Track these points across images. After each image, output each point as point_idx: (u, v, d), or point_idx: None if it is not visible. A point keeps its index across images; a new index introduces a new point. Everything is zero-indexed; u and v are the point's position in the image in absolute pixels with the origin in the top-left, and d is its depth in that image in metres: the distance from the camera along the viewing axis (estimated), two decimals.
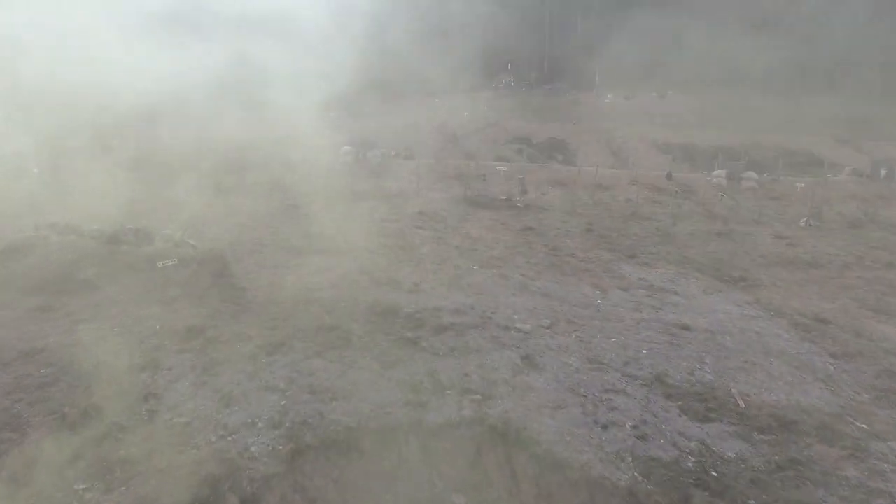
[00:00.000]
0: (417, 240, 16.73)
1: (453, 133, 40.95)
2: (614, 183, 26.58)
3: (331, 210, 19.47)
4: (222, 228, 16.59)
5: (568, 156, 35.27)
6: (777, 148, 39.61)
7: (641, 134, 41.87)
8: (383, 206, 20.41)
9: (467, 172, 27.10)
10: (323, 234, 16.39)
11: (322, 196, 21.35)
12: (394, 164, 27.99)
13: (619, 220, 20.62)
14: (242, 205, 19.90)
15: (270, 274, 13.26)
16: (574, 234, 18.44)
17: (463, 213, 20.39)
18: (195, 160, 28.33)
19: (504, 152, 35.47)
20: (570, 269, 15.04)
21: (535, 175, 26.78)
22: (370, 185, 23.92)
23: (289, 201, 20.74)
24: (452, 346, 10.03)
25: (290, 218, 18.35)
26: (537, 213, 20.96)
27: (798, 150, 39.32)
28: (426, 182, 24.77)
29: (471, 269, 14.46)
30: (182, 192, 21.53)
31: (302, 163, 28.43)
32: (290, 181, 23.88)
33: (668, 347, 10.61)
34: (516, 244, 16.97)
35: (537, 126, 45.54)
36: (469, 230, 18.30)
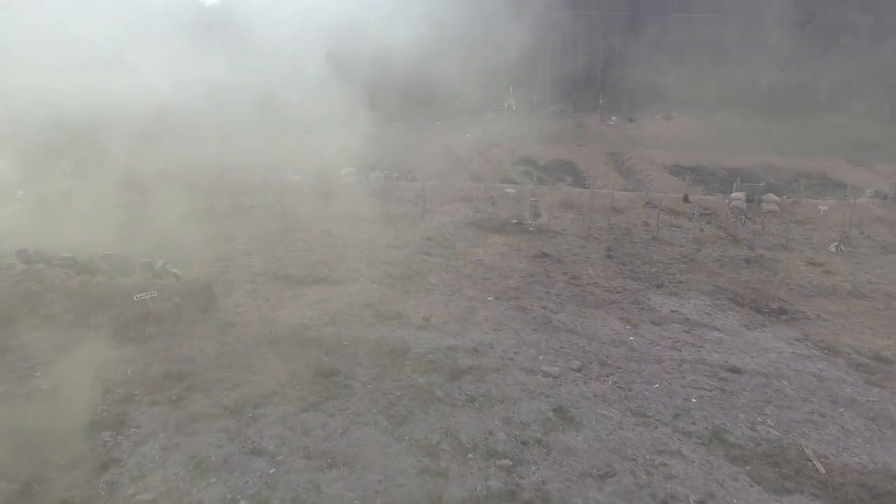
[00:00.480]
0: (425, 267, 15.36)
1: (456, 155, 39.90)
2: (629, 206, 25.36)
3: (331, 235, 18.20)
4: (213, 255, 15.23)
5: (577, 178, 34.11)
6: (789, 170, 38.52)
7: (650, 156, 40.84)
8: (387, 231, 19.10)
9: (474, 195, 25.86)
10: (322, 261, 15.05)
11: (322, 220, 20.12)
12: (397, 186, 26.79)
13: (640, 245, 19.29)
14: (236, 229, 18.58)
15: (263, 307, 11.86)
16: (594, 261, 17.09)
17: (472, 237, 19.07)
18: (188, 182, 27.14)
19: (510, 174, 34.34)
20: (595, 301, 13.65)
21: (545, 197, 25.56)
22: (373, 209, 22.62)
23: (286, 226, 19.46)
24: (472, 395, 8.60)
25: (288, 244, 17.02)
26: (551, 238, 19.64)
27: (811, 172, 38.20)
28: (432, 205, 23.51)
29: (485, 301, 13.07)
30: (172, 216, 20.26)
31: (300, 185, 27.23)
32: (287, 204, 22.67)
33: (720, 395, 9.18)
34: (533, 272, 15.60)
35: (542, 148, 44.53)
36: (481, 256, 16.95)
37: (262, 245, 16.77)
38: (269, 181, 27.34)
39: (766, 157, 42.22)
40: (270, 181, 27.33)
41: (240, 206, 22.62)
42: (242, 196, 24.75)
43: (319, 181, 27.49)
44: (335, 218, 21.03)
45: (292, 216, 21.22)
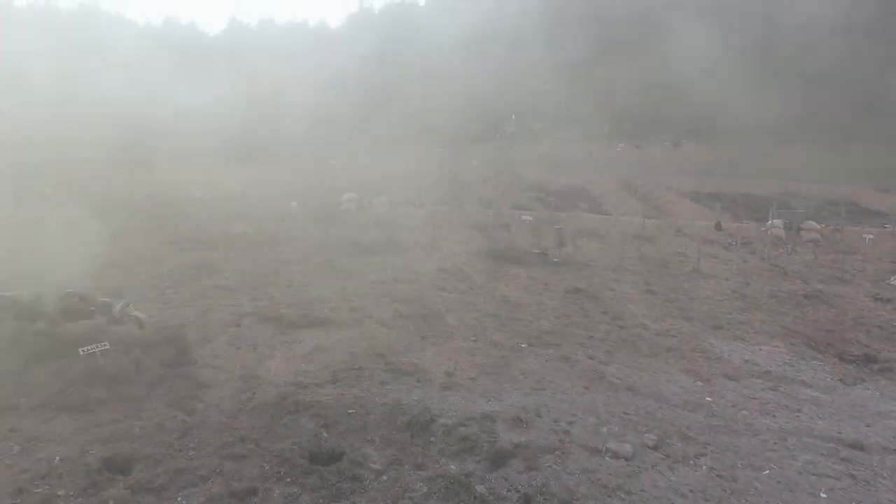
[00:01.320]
0: (442, 305, 13.09)
1: (463, 181, 37.93)
2: (657, 234, 23.25)
3: (331, 267, 15.97)
4: (193, 291, 12.99)
5: (592, 204, 32.11)
6: (814, 197, 36.56)
7: (665, 182, 38.93)
8: (395, 262, 16.87)
9: (487, 222, 23.77)
10: (322, 298, 12.78)
11: (321, 251, 17.95)
12: (403, 212, 24.68)
13: (681, 278, 17.05)
14: (224, 261, 16.36)
15: (247, 359, 9.55)
16: (634, 298, 14.83)
17: (491, 269, 16.84)
18: (176, 209, 24.99)
19: (522, 200, 32.31)
20: (649, 348, 11.35)
21: (564, 224, 23.43)
22: (378, 237, 20.48)
23: (281, 256, 17.25)
24: (526, 494, 6.26)
25: (281, 277, 14.77)
26: (580, 271, 17.41)
27: (838, 199, 36.23)
28: (442, 232, 21.37)
29: (518, 349, 10.78)
30: (152, 246, 18.08)
31: (298, 212, 25.10)
32: (283, 234, 20.52)
33: (853, 485, 6.85)
34: (567, 311, 13.33)
35: (552, 174, 42.65)
36: (504, 292, 14.70)
37: (251, 279, 14.52)
38: (265, 207, 25.23)
39: (786, 183, 40.31)
40: (266, 207, 25.23)
41: (229, 234, 20.42)
42: (234, 223, 22.60)
43: (319, 207, 25.40)
44: (336, 247, 18.85)
45: (288, 245, 19.04)
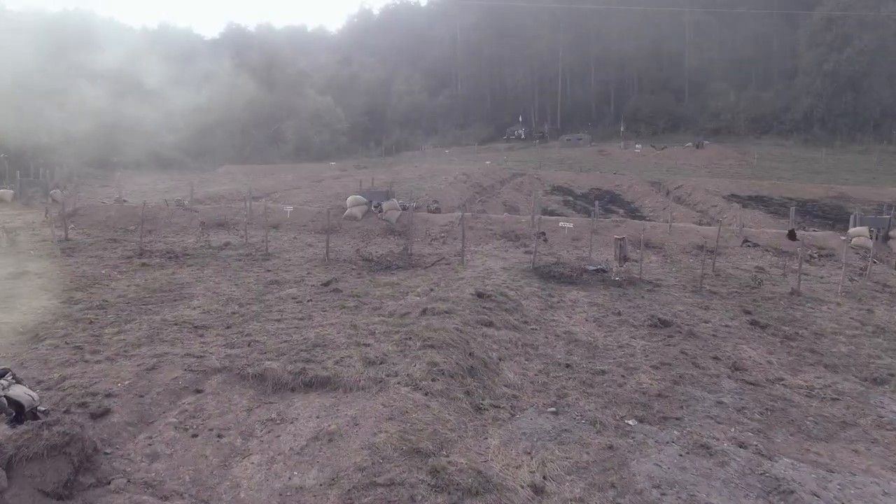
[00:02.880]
0: (492, 350, 9.36)
1: (479, 183, 34.22)
2: (721, 244, 19.48)
3: (336, 293, 12.21)
4: (140, 333, 9.23)
5: (628, 208, 28.43)
6: (868, 201, 32.90)
7: (701, 184, 35.19)
8: (417, 285, 13.12)
9: (518, 229, 20.05)
10: (324, 342, 9.01)
11: (322, 268, 14.19)
12: (418, 218, 20.95)
13: (781, 303, 13.30)
14: (194, 284, 12.61)
15: (202, 466, 5.81)
16: (740, 333, 11.08)
17: (542, 293, 13.09)
18: (151, 216, 21.23)
19: (548, 204, 28.62)
20: (813, 423, 7.61)
21: (611, 233, 19.72)
22: (392, 250, 16.77)
23: (270, 276, 13.49)
24: None
25: (269, 308, 11.00)
26: (652, 293, 13.68)
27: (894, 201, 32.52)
28: (469, 243, 17.63)
29: (626, 430, 7.04)
30: (106, 262, 14.34)
31: (294, 219, 21.38)
32: (275, 244, 16.81)
33: None
34: (665, 357, 9.58)
35: (573, 176, 38.99)
36: (568, 326, 10.96)
37: (228, 310, 10.75)
38: (255, 213, 21.50)
39: (832, 185, 36.59)
40: (256, 213, 21.50)
41: (209, 246, 16.66)
42: (216, 232, 18.87)
43: (319, 213, 21.69)
44: (340, 263, 15.11)
45: (281, 261, 15.29)
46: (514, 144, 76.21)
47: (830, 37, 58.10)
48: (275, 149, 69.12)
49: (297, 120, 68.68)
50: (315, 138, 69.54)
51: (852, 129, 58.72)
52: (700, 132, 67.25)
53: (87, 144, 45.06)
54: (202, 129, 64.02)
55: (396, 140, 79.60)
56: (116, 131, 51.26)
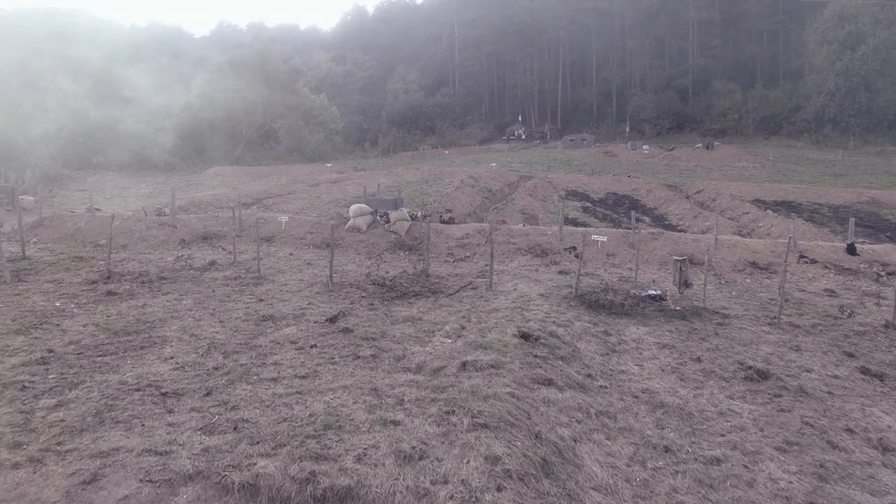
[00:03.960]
0: (561, 427, 7.00)
1: (487, 187, 31.85)
2: (772, 260, 17.27)
3: (346, 334, 9.81)
4: (87, 407, 6.81)
5: (652, 216, 26.21)
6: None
7: (723, 189, 33.01)
8: (443, 319, 10.73)
9: (545, 243, 17.71)
10: (338, 420, 6.61)
11: (323, 297, 11.80)
12: (431, 230, 18.56)
13: (884, 343, 10.99)
14: (168, 321, 10.16)
15: None
16: (863, 391, 8.78)
17: (596, 330, 10.74)
18: (125, 227, 18.67)
19: (567, 211, 26.30)
20: None
21: (647, 247, 17.48)
22: (404, 270, 14.40)
23: (264, 309, 11.06)
24: None
25: (262, 359, 8.57)
26: (724, 328, 11.38)
27: None
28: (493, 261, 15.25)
29: None
30: (62, 289, 11.86)
31: (290, 231, 18.93)
32: (267, 264, 14.40)
33: None
34: (790, 434, 7.28)
35: (586, 178, 36.72)
36: (643, 381, 8.64)
37: (208, 364, 8.32)
38: (245, 224, 19.04)
39: (861, 190, 34.51)
40: (246, 224, 19.04)
41: (191, 266, 14.21)
42: (200, 247, 16.42)
43: (318, 223, 19.26)
44: (347, 289, 12.70)
45: (275, 287, 12.86)
46: (515, 145, 73.98)
47: (843, 34, 56.20)
48: (267, 149, 66.48)
49: (289, 119, 66.05)
50: (309, 138, 66.95)
51: (865, 130, 56.86)
52: (707, 132, 65.27)
53: (66, 145, 42.39)
54: (190, 129, 61.36)
55: (393, 140, 77.19)
56: (98, 131, 48.54)
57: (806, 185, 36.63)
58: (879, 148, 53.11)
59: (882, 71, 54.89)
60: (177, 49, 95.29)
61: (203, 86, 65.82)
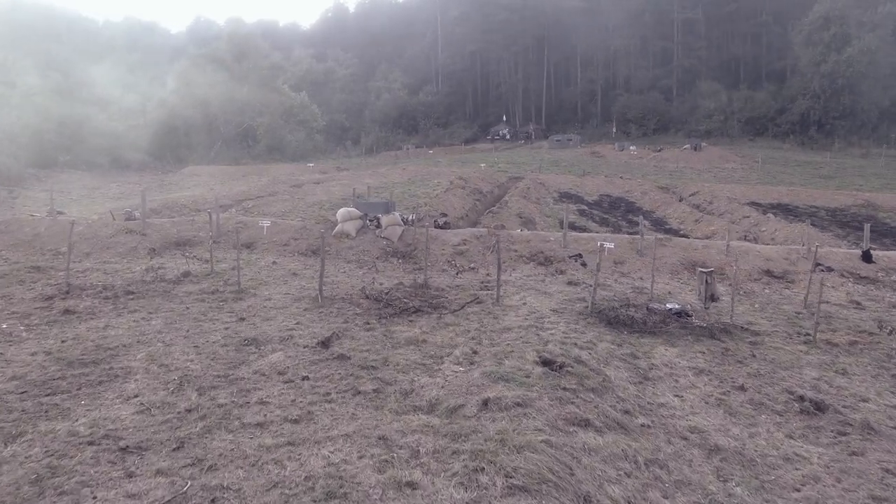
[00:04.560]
0: (610, 484, 5.81)
1: (478, 188, 30.68)
2: (787, 268, 16.39)
3: (342, 361, 8.53)
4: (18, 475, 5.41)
5: (650, 219, 25.29)
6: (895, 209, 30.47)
7: (715, 191, 32.31)
8: (451, 341, 9.51)
9: (549, 250, 16.58)
10: (339, 482, 5.32)
11: (313, 314, 10.49)
12: (425, 235, 17.30)
13: None
14: (133, 347, 8.77)
15: None
16: None
17: (621, 352, 9.60)
18: (89, 231, 17.05)
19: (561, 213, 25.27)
20: None
21: (656, 254, 16.42)
22: (400, 281, 13.14)
23: (243, 331, 9.71)
24: None
25: (243, 400, 7.22)
26: (758, 348, 10.35)
27: None
28: (491, 268, 14.11)
29: None
30: (11, 307, 10.37)
31: (272, 236, 17.51)
32: (248, 275, 13.03)
33: None
34: (872, 486, 6.23)
35: (578, 180, 35.77)
36: (691, 419, 7.51)
37: (179, 405, 6.95)
38: (223, 229, 17.58)
39: (855, 192, 34.08)
40: (224, 229, 17.58)
41: (162, 278, 12.77)
42: (173, 256, 14.96)
43: (303, 228, 17.87)
44: (338, 304, 11.39)
45: (257, 301, 11.50)
46: (500, 145, 72.99)
47: (828, 36, 56.24)
48: (245, 148, 64.49)
49: (269, 117, 64.08)
50: (289, 137, 65.08)
51: (849, 133, 56.99)
52: (692, 133, 65.01)
53: (31, 142, 40.11)
54: (165, 127, 59.11)
55: (376, 139, 75.64)
56: (67, 128, 46.23)
57: (798, 187, 36.18)
58: (864, 150, 53.21)
59: (867, 73, 55.03)
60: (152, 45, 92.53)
61: (179, 82, 63.59)
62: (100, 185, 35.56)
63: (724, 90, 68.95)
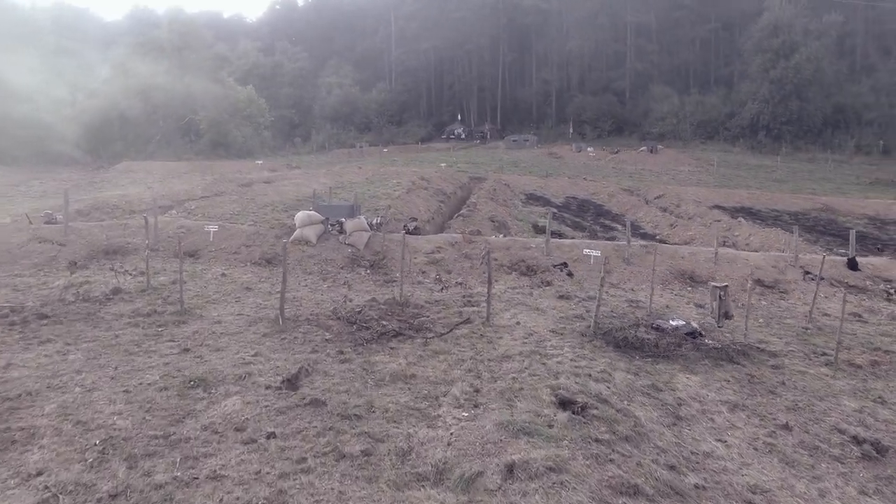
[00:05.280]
0: None
1: (441, 189, 29.18)
2: (777, 277, 15.67)
3: (313, 411, 6.82)
4: None
5: (621, 222, 24.40)
6: (852, 213, 30.89)
7: (681, 193, 31.94)
8: (444, 375, 7.97)
9: (530, 258, 15.25)
10: None
11: (274, 341, 8.74)
12: (395, 242, 15.68)
13: None
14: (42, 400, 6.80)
15: None
16: None
17: (640, 383, 8.29)
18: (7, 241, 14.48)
19: (533, 218, 24.12)
20: None
21: (644, 263, 15.41)
22: (373, 297, 11.49)
23: (188, 365, 7.86)
24: None
25: (190, 475, 5.43)
26: (781, 373, 9.29)
27: (885, 217, 30.63)
28: (468, 277, 12.71)
29: None
30: None
31: (220, 243, 15.46)
32: (193, 290, 11.12)
33: None
34: None
35: (542, 181, 34.80)
36: (745, 473, 6.24)
37: (100, 486, 5.12)
38: (161, 234, 15.42)
39: (812, 196, 34.46)
40: (163, 234, 15.42)
41: (85, 297, 10.68)
42: (100, 268, 12.81)
43: (256, 234, 15.90)
44: (303, 327, 9.65)
45: (205, 326, 9.61)
46: (455, 144, 71.71)
47: (777, 43, 57.74)
48: (187, 143, 60.68)
49: (213, 111, 60.48)
50: (235, 132, 61.67)
51: (796, 137, 58.71)
52: (646, 136, 65.63)
53: None
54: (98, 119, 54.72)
55: (327, 136, 72.95)
56: None
57: (757, 190, 36.40)
58: (811, 155, 54.84)
59: (813, 80, 56.81)
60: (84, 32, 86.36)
61: (114, 71, 59.20)
62: (21, 183, 32.05)
63: (675, 94, 70.02)
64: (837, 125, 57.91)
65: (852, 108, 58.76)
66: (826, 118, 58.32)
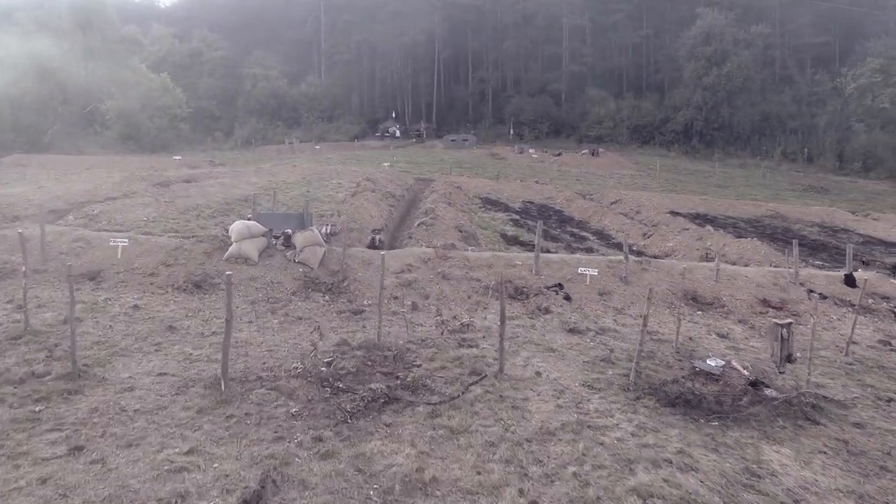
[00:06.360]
0: None
1: (389, 192, 26.48)
2: (782, 297, 14.31)
3: None
4: None
5: (592, 232, 22.72)
6: (800, 220, 31.02)
7: (639, 199, 30.87)
8: (480, 476, 5.49)
9: (518, 279, 13.00)
10: None
11: (217, 419, 5.84)
12: (356, 260, 12.95)
13: None
14: None
15: None
16: None
17: (730, 468, 6.19)
18: None
19: (497, 225, 21.97)
20: None
21: (641, 281, 13.55)
22: (344, 339, 8.86)
23: (83, 477, 4.86)
24: None
25: None
26: (870, 436, 7.51)
27: (832, 224, 30.93)
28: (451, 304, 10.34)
29: None
30: None
31: (131, 261, 12.14)
32: (94, 335, 7.99)
33: None
34: None
35: (495, 185, 32.78)
36: None
37: None
38: (51, 250, 11.95)
39: (761, 203, 34.48)
40: (54, 250, 11.95)
41: None
42: None
43: (178, 249, 12.67)
44: (256, 393, 6.86)
45: (110, 396, 6.59)
46: (390, 143, 68.83)
47: (709, 51, 59.10)
48: (91, 135, 54.20)
49: (122, 100, 54.34)
50: (148, 124, 55.77)
51: (727, 143, 60.36)
52: (583, 138, 65.56)
53: None
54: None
55: (252, 131, 67.98)
56: None
57: (707, 196, 36.17)
58: (742, 160, 56.40)
59: (743, 87, 58.53)
60: None
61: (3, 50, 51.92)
62: None
63: (611, 98, 70.53)
64: (764, 132, 60.08)
65: (777, 117, 61.16)
66: (754, 125, 60.38)
